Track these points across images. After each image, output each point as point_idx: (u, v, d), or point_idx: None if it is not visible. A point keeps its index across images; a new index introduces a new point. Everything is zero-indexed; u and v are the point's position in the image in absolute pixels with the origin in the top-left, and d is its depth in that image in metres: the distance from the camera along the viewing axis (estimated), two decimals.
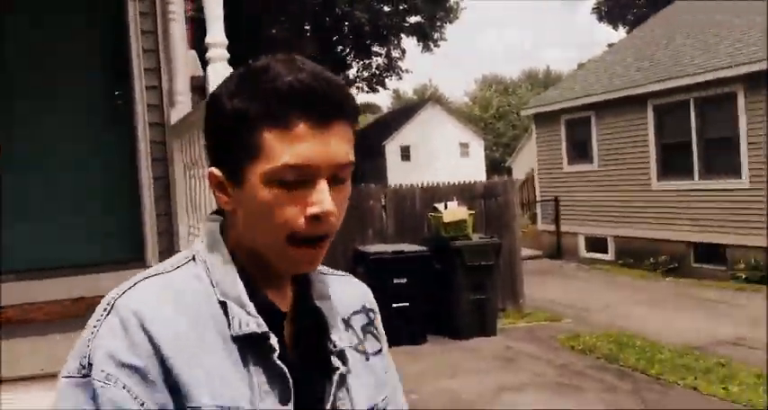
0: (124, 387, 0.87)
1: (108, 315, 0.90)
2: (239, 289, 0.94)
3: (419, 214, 8.91)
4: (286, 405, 0.93)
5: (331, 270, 1.13)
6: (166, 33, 4.03)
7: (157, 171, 4.28)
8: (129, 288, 0.93)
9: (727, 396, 5.55)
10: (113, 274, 3.99)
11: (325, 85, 0.91)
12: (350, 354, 1.02)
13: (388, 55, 31.42)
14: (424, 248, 7.95)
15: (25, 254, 3.98)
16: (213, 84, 2.87)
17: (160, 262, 1.69)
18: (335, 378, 0.98)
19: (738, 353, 6.87)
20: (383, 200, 8.84)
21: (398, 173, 31.36)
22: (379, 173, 33.56)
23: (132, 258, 4.21)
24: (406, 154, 36.78)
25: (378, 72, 32.18)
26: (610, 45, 22.96)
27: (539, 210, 16.34)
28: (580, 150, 14.82)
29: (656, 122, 12.85)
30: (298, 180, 0.91)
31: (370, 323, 1.10)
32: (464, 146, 38.77)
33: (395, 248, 7.89)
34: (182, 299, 0.92)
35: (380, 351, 1.08)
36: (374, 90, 32.64)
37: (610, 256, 13.96)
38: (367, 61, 31.93)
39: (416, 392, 6.04)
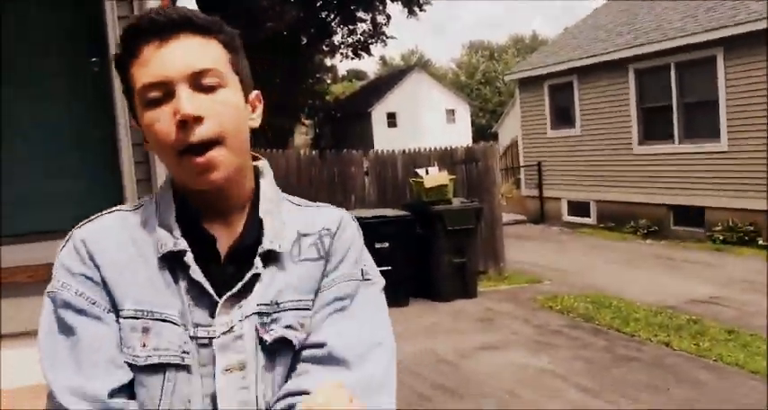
0: (76, 292, 1.04)
1: (67, 242, 1.09)
2: (171, 217, 1.07)
3: (401, 179, 9.01)
4: (215, 317, 1.04)
5: (310, 202, 1.21)
6: (142, 7, 4.06)
7: (136, 137, 4.33)
8: (87, 221, 1.11)
9: (698, 352, 5.74)
10: None
11: (163, 14, 1.02)
12: (286, 261, 1.09)
13: (373, 21, 31.16)
14: (406, 213, 8.06)
15: (5, 221, 4.05)
16: None
17: None
18: (248, 274, 1.05)
19: (711, 311, 7.07)
20: (365, 166, 8.92)
21: (385, 140, 31.34)
22: (365, 140, 33.54)
23: None
24: (392, 120, 36.74)
25: (362, 38, 31.94)
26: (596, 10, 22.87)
27: (522, 176, 16.47)
28: (563, 115, 14.91)
29: (637, 87, 12.94)
30: (161, 97, 1.01)
31: (320, 238, 1.12)
32: (450, 112, 38.75)
33: (377, 213, 8.00)
34: (130, 228, 1.08)
35: (315, 261, 1.11)
36: (359, 56, 32.40)
37: (592, 220, 14.15)
38: (352, 27, 31.66)
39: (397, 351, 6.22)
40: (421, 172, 8.44)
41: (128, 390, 1.02)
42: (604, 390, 5.02)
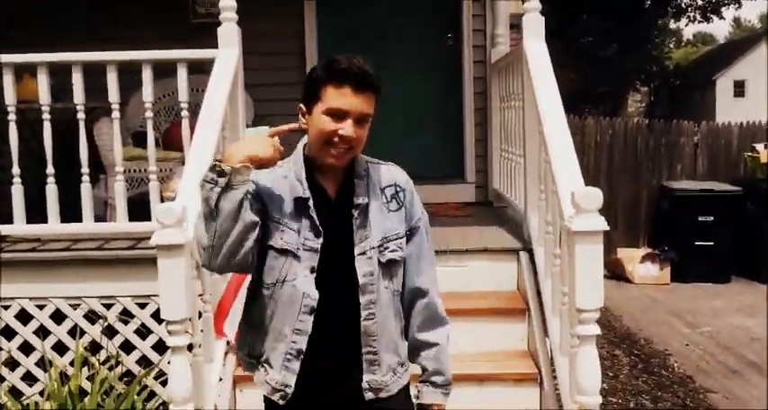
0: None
1: None
2: (302, 174, 1.80)
3: (735, 154, 8.62)
4: (318, 238, 1.77)
5: (379, 160, 1.91)
6: None
7: (478, 102, 5.01)
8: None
9: None
10: (440, 187, 4.86)
11: (365, 73, 1.73)
12: (375, 208, 1.82)
13: None
14: (737, 188, 7.77)
15: None
16: (526, 30, 3.45)
17: (476, 179, 3.15)
18: (353, 220, 1.80)
19: None
20: (696, 138, 8.69)
21: (729, 111, 28.87)
22: (706, 110, 31.24)
23: (454, 175, 5.06)
24: (740, 90, 33.57)
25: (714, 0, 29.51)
26: None
27: None
28: None
29: None
30: (338, 116, 1.73)
31: (396, 193, 1.87)
32: None
33: (703, 186, 7.84)
34: (278, 177, 1.81)
35: (398, 210, 1.85)
36: (708, 19, 30.05)
37: None
38: None
39: (710, 325, 6.22)
40: (759, 147, 8.02)
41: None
42: None
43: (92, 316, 3.51)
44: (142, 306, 3.51)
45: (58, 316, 3.51)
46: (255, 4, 4.33)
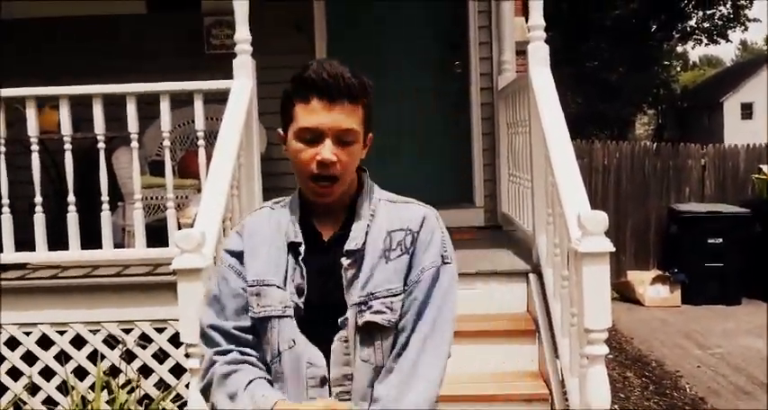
0: (228, 266, 1.51)
1: (233, 230, 1.60)
2: (296, 218, 1.50)
3: (743, 175, 8.67)
4: (300, 297, 1.45)
5: (401, 198, 1.56)
6: (499, 11, 4.79)
7: (485, 128, 5.10)
8: (253, 212, 1.60)
9: None
10: (448, 211, 4.91)
11: (336, 78, 1.39)
12: (371, 256, 1.45)
13: (733, 3, 28.83)
14: (745, 210, 7.80)
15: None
16: (531, 58, 3.55)
17: (485, 204, 2.66)
18: (343, 271, 1.45)
19: None
20: (703, 160, 8.75)
21: (737, 133, 28.87)
22: (714, 132, 31.27)
23: (463, 199, 5.13)
24: (747, 112, 33.60)
25: (720, 23, 29.73)
26: None
27: None
28: None
29: None
30: (313, 138, 1.41)
31: (403, 239, 1.47)
32: None
33: (711, 208, 7.88)
34: (270, 220, 1.53)
35: (399, 257, 1.45)
36: (715, 42, 30.25)
37: None
38: (709, 12, 29.65)
39: (721, 346, 6.22)
40: (765, 168, 8.07)
41: (252, 330, 1.47)
42: None
43: (111, 341, 3.58)
44: (160, 330, 3.58)
45: (79, 341, 3.58)
46: (268, 35, 4.46)
